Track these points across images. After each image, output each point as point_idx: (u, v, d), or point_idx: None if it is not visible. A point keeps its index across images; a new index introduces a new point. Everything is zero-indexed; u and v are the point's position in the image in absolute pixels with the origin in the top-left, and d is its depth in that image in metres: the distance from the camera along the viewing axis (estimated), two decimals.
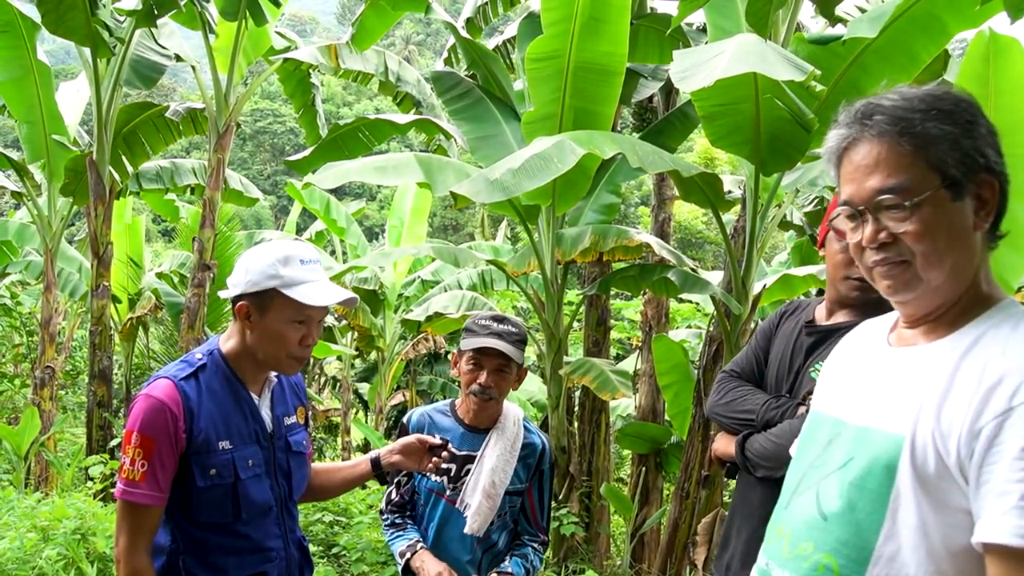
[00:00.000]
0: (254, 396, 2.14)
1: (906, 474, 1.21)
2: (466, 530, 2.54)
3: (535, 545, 2.68)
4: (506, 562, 2.61)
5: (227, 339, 2.13)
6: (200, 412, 2.02)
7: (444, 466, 2.52)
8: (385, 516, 2.68)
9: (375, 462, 2.40)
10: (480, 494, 2.53)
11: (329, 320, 12.14)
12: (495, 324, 2.56)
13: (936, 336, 1.31)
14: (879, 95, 1.32)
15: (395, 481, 2.67)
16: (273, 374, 2.20)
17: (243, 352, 2.11)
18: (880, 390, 1.33)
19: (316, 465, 2.45)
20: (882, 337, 1.43)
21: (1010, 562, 1.11)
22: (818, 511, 1.32)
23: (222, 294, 2.11)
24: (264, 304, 2.03)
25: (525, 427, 2.68)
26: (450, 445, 2.41)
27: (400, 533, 2.61)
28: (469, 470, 2.58)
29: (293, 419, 2.25)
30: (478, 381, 2.55)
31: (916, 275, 1.28)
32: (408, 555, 2.53)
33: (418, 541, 2.56)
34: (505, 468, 2.57)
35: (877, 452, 1.26)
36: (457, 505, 2.58)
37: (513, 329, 2.57)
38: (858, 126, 1.31)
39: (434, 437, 2.41)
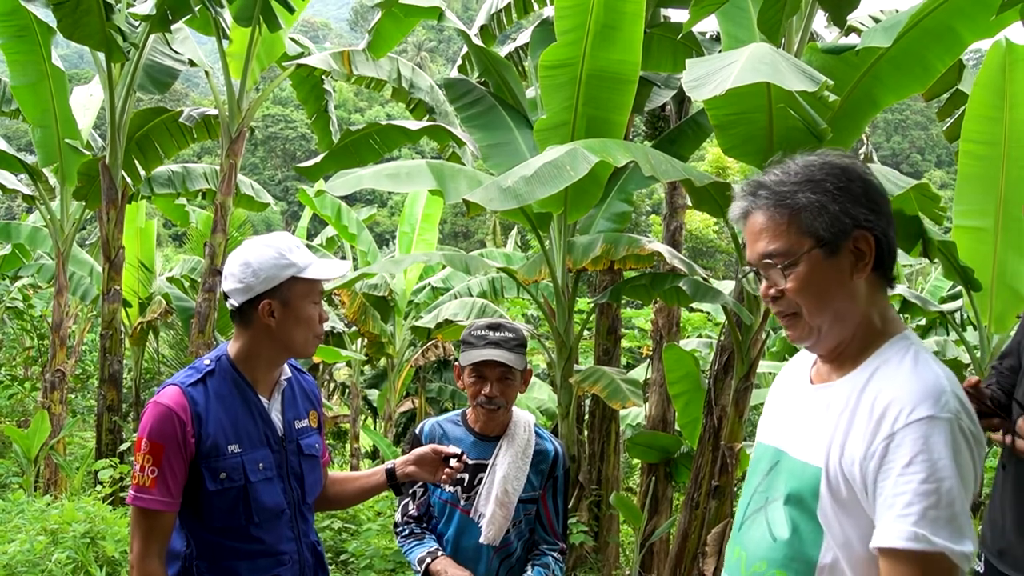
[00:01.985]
0: (264, 400, 2.16)
1: (826, 499, 1.46)
2: (482, 539, 2.52)
3: (555, 554, 2.64)
4: (528, 571, 2.58)
5: (234, 344, 2.15)
6: (208, 417, 2.03)
7: (457, 476, 2.51)
8: (401, 528, 2.65)
9: (390, 472, 2.40)
10: (493, 503, 2.51)
11: (339, 326, 12.14)
12: (492, 333, 2.54)
13: (842, 372, 1.54)
14: (767, 170, 1.56)
15: (411, 492, 2.64)
16: (284, 378, 2.22)
17: (253, 355, 2.13)
18: (804, 425, 1.56)
19: (332, 474, 2.46)
20: (806, 372, 1.66)
21: (898, 562, 1.34)
22: (770, 535, 1.55)
23: (229, 303, 2.11)
24: (286, 295, 2.08)
25: (537, 433, 2.66)
26: (465, 455, 2.39)
27: (418, 542, 2.57)
28: (482, 479, 2.56)
29: (305, 423, 2.25)
30: (484, 393, 2.53)
31: (807, 325, 1.52)
32: (428, 560, 2.49)
33: (438, 549, 2.53)
34: (517, 476, 2.55)
35: (805, 482, 1.50)
36: (471, 515, 2.55)
37: (510, 335, 2.54)
38: (750, 199, 1.55)
39: (449, 447, 2.38)
